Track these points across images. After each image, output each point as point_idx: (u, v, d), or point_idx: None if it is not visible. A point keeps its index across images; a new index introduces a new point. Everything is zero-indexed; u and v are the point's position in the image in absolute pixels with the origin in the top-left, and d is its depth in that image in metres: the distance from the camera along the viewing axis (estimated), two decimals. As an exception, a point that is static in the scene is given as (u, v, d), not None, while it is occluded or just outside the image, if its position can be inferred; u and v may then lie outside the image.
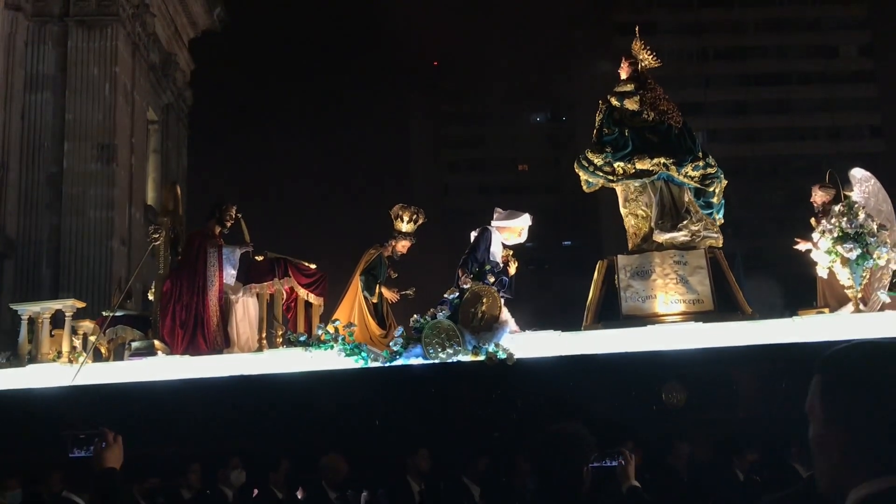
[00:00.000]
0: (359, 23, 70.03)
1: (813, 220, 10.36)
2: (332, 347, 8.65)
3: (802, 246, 10.27)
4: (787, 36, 52.99)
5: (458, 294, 8.52)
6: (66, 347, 10.31)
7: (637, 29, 10.58)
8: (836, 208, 9.02)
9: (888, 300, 8.75)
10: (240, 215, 10.26)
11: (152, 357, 9.40)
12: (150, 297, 11.24)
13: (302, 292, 9.93)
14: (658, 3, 50.68)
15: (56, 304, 10.85)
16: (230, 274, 10.10)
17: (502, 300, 8.67)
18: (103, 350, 10.51)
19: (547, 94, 57.79)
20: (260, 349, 9.47)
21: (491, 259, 9.08)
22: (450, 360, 8.25)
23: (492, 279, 8.78)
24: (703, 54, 51.57)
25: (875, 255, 8.64)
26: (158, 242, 10.08)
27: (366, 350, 8.59)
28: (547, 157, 57.60)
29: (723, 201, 10.19)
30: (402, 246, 10.73)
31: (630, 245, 9.79)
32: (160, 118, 21.05)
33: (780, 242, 9.93)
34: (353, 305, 10.41)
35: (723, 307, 8.91)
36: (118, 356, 10.47)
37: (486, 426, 7.96)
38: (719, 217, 10.04)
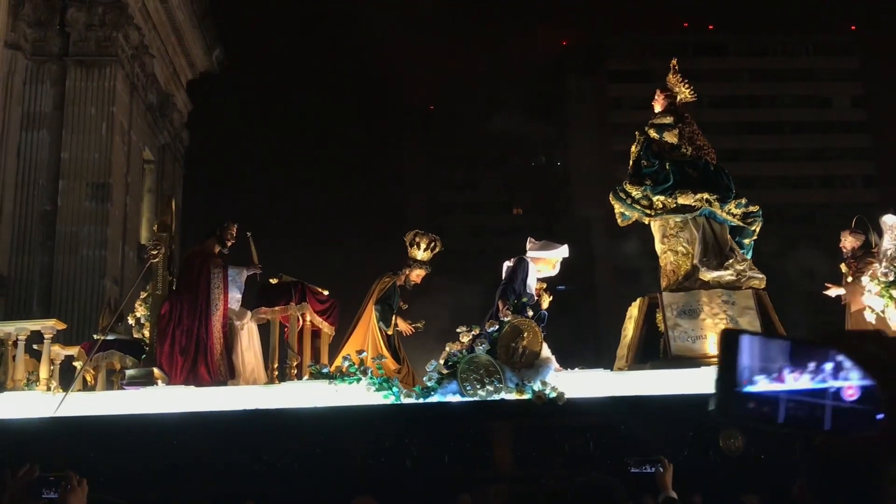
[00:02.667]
0: (355, 67, 70.18)
1: (843, 266, 10.05)
2: (358, 381, 7.88)
3: (833, 291, 9.94)
4: (781, 85, 53.86)
5: (497, 327, 7.88)
6: (44, 374, 9.32)
7: (675, 63, 10.23)
8: (890, 252, 8.71)
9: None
10: (249, 234, 9.50)
11: (150, 386, 8.49)
12: (131, 321, 10.32)
13: (316, 320, 9.16)
14: (652, 51, 51.28)
15: (33, 325, 9.86)
16: (236, 298, 9.26)
17: (543, 335, 8.06)
18: (89, 378, 9.54)
19: (542, 139, 58.25)
20: (271, 381, 8.63)
21: (527, 291, 8.48)
22: (490, 398, 7.57)
23: (530, 313, 8.18)
24: (697, 102, 52.36)
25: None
26: (157, 259, 9.23)
27: (397, 385, 7.86)
28: (541, 201, 57.95)
29: (752, 243, 9.82)
30: (417, 275, 10.06)
31: (665, 283, 9.29)
32: (156, 158, 20.76)
33: (777, 288, 9.61)
34: (366, 337, 9.67)
35: (772, 350, 8.46)
36: (106, 385, 9.50)
37: (531, 470, 7.28)
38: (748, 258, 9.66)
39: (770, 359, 1.16)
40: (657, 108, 9.95)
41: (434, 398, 7.65)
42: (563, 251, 8.76)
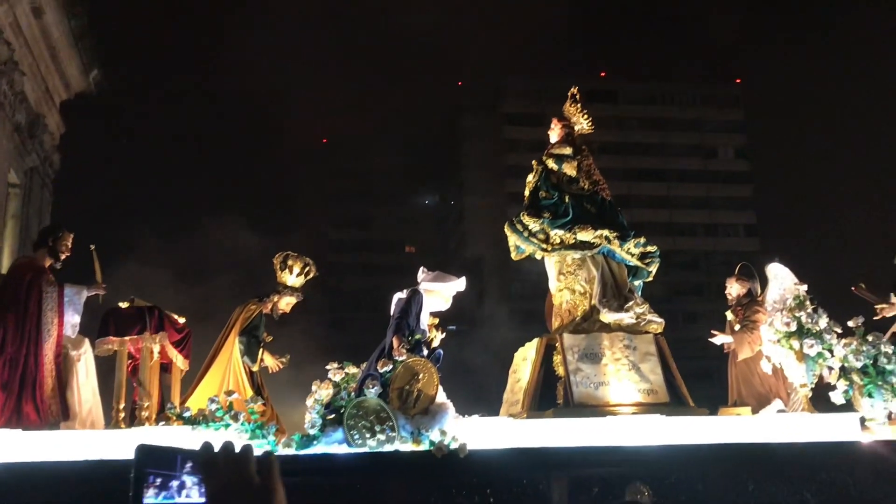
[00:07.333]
0: (244, 94, 67.41)
1: (729, 314, 9.87)
2: (227, 427, 6.74)
3: (720, 339, 9.69)
4: (669, 134, 55.79)
5: (391, 367, 6.98)
6: None
7: (576, 91, 9.76)
8: (790, 301, 8.51)
9: (842, 401, 8.26)
10: (93, 248, 8.10)
11: (-37, 428, 6.94)
12: None
13: (171, 352, 7.88)
14: (547, 96, 51.80)
15: None
16: (72, 322, 7.84)
17: (438, 378, 7.23)
18: None
19: (437, 178, 58.08)
20: (116, 424, 7.29)
21: (420, 327, 7.63)
22: (381, 449, 6.65)
23: (425, 351, 7.34)
24: (587, 147, 52.66)
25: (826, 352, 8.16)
26: (-24, 275, 7.68)
27: (273, 433, 6.76)
28: (434, 240, 57.39)
29: (642, 284, 9.45)
30: (287, 304, 9.01)
31: (559, 322, 8.71)
32: (23, 182, 18.39)
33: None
34: (227, 373, 8.48)
35: (673, 399, 8.04)
36: None
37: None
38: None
39: (164, 466, 1.44)
40: (553, 137, 9.46)
41: (316, 448, 6.64)
42: (460, 284, 7.99)
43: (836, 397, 8.18)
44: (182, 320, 8.26)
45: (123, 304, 7.83)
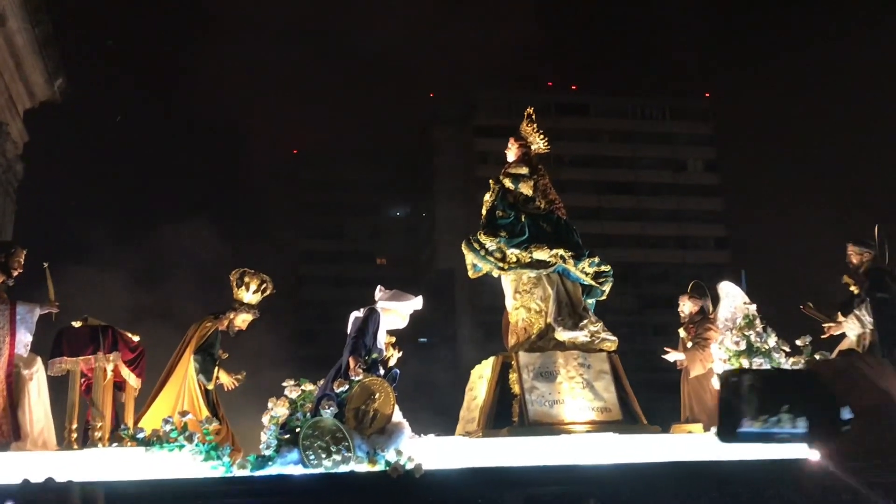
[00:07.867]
0: (219, 104, 66.76)
1: (682, 331, 10.04)
2: (181, 448, 6.70)
3: (672, 356, 9.86)
4: (639, 147, 56.18)
5: (347, 387, 7.00)
6: None
7: (531, 111, 9.88)
8: (740, 321, 8.69)
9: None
10: (46, 265, 8.02)
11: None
12: None
13: (124, 371, 7.81)
14: (518, 108, 52.02)
15: None
16: (25, 341, 7.75)
17: (395, 397, 7.26)
18: None
19: (408, 190, 58.09)
20: (68, 445, 7.21)
21: (377, 346, 7.64)
22: (336, 470, 6.65)
23: (382, 371, 7.36)
24: (558, 160, 50.55)
25: (776, 371, 8.34)
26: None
27: (228, 453, 6.73)
28: (405, 252, 57.31)
29: (595, 302, 9.59)
30: (243, 321, 8.97)
31: (514, 340, 8.81)
32: None
33: (631, 347, 9.54)
34: (181, 391, 8.42)
35: (626, 417, 8.17)
36: None
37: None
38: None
39: None
40: (511, 156, 9.58)
41: (271, 469, 6.63)
42: (417, 303, 8.02)
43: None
44: (136, 339, 8.20)
45: (77, 323, 7.76)
